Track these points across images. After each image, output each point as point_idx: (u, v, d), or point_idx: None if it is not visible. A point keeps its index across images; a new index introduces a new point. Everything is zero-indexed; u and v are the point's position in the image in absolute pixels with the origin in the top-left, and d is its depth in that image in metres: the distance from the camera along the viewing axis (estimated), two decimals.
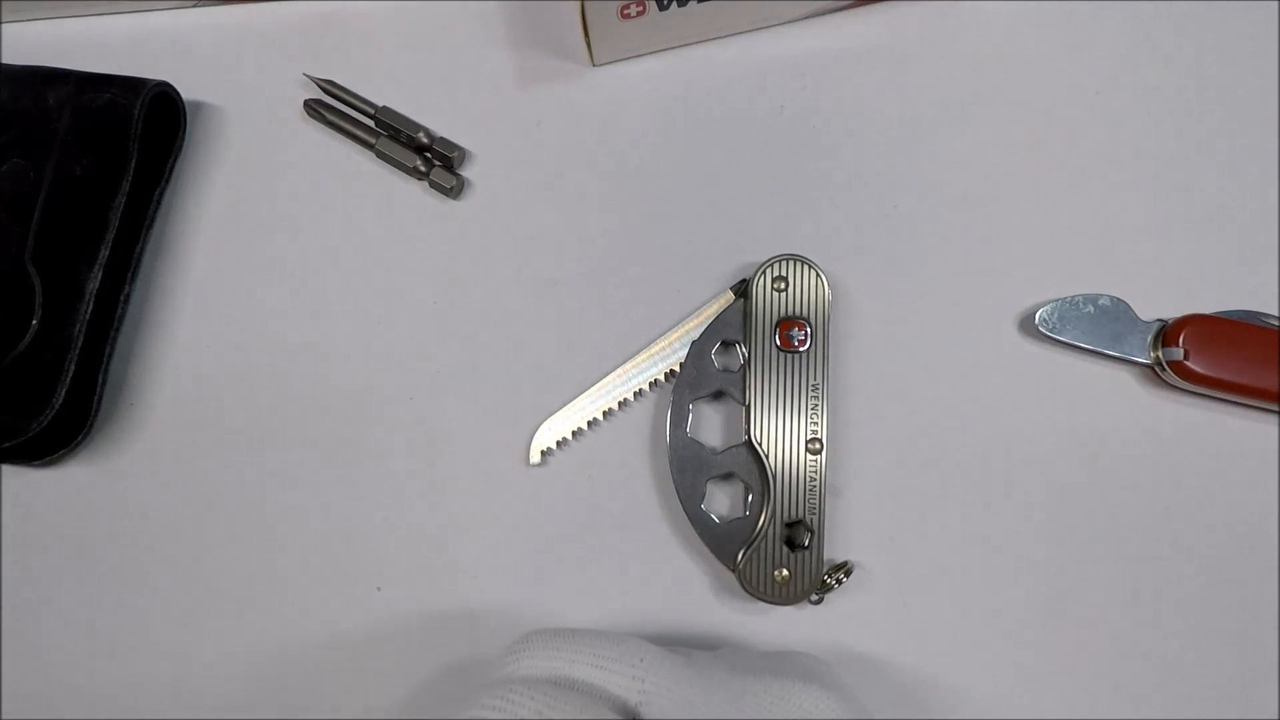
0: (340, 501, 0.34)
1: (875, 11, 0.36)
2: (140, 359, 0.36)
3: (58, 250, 0.33)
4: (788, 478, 0.32)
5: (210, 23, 0.38)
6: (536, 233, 0.36)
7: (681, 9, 0.34)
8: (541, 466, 0.34)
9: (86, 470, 0.35)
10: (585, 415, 0.34)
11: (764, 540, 0.31)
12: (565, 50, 0.37)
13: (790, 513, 0.32)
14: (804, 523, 0.31)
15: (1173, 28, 0.36)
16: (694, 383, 0.33)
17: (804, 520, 0.31)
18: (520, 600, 0.33)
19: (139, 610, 0.34)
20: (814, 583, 0.31)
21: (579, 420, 0.34)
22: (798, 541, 0.32)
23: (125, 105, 0.34)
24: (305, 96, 0.37)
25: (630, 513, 0.34)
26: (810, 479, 0.32)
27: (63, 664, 0.34)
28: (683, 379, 0.33)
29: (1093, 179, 0.35)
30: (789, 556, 0.31)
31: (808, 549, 0.31)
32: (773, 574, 0.31)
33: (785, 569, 0.31)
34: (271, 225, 0.36)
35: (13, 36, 0.38)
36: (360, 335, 0.35)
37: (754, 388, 0.32)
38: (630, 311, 0.35)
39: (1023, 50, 0.36)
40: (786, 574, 0.31)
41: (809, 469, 0.32)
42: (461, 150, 0.36)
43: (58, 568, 0.35)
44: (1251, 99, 0.35)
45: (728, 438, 0.33)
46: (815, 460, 0.32)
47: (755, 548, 0.31)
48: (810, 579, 0.31)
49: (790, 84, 0.36)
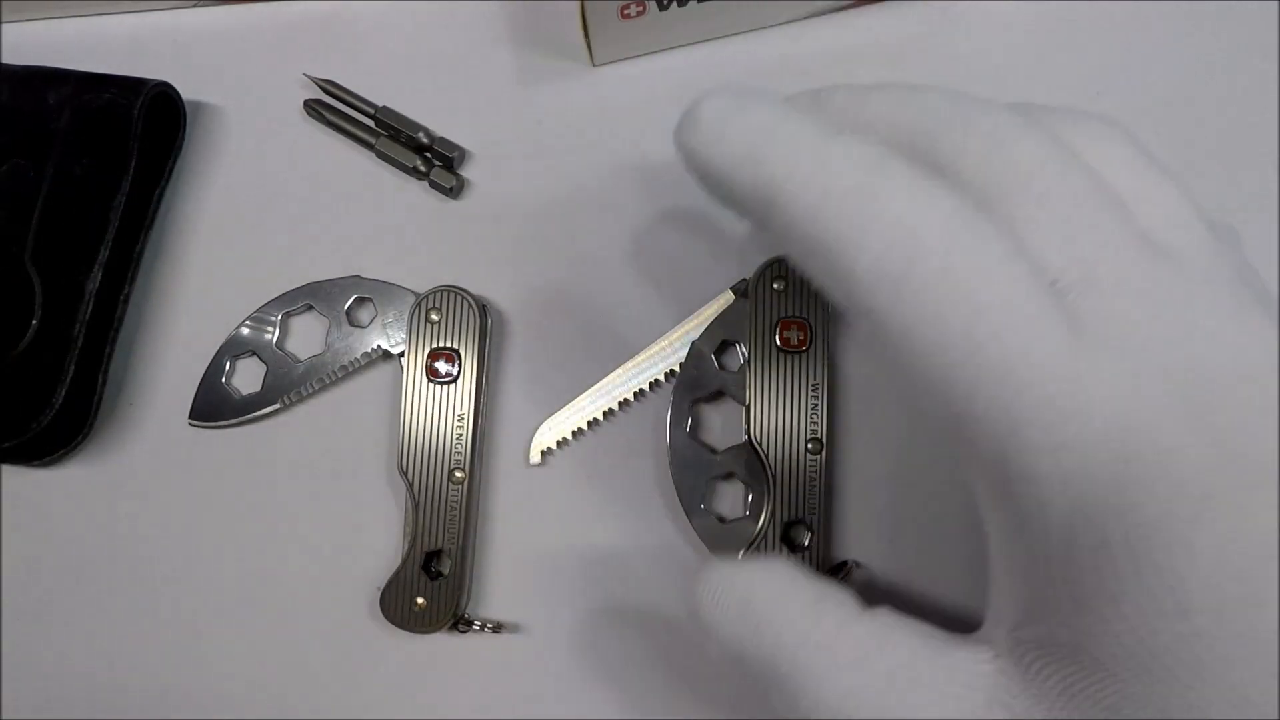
0: (341, 501, 0.34)
1: (875, 11, 0.36)
2: (140, 359, 0.36)
3: (58, 250, 0.33)
4: (787, 478, 0.32)
5: (210, 23, 0.38)
6: (536, 232, 0.36)
7: (682, 9, 0.34)
8: (542, 466, 0.34)
9: (86, 470, 0.35)
10: (586, 415, 0.34)
11: (764, 540, 0.31)
12: (565, 50, 0.37)
13: (790, 512, 0.32)
14: (804, 522, 0.31)
15: (1173, 28, 0.36)
16: (694, 383, 0.33)
17: (804, 520, 0.31)
18: (519, 598, 0.33)
19: (139, 610, 0.34)
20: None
21: (579, 420, 0.34)
22: (797, 541, 0.32)
23: (125, 105, 0.34)
24: (305, 96, 0.37)
25: (631, 512, 0.34)
26: (810, 479, 0.32)
27: (63, 664, 0.34)
28: (682, 379, 0.33)
29: None
30: (789, 556, 0.31)
31: (808, 549, 0.31)
32: None
33: None
34: (271, 225, 0.36)
35: (13, 36, 0.38)
36: None
37: (754, 387, 0.32)
38: (630, 311, 0.35)
39: (1023, 50, 0.36)
40: None
41: (809, 469, 0.32)
42: (461, 150, 0.36)
43: (58, 568, 0.35)
44: (1251, 99, 0.35)
45: (728, 438, 0.33)
46: (815, 460, 0.32)
47: (755, 547, 0.31)
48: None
49: (790, 84, 0.36)
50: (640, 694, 0.33)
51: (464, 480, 0.33)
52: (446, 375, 0.33)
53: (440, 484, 0.33)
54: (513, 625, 0.33)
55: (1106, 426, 0.17)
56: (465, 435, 0.33)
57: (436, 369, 0.33)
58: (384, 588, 0.32)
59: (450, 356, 0.33)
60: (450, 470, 0.33)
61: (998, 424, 0.18)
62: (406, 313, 0.34)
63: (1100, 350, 0.18)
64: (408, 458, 0.33)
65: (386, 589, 0.32)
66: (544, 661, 0.33)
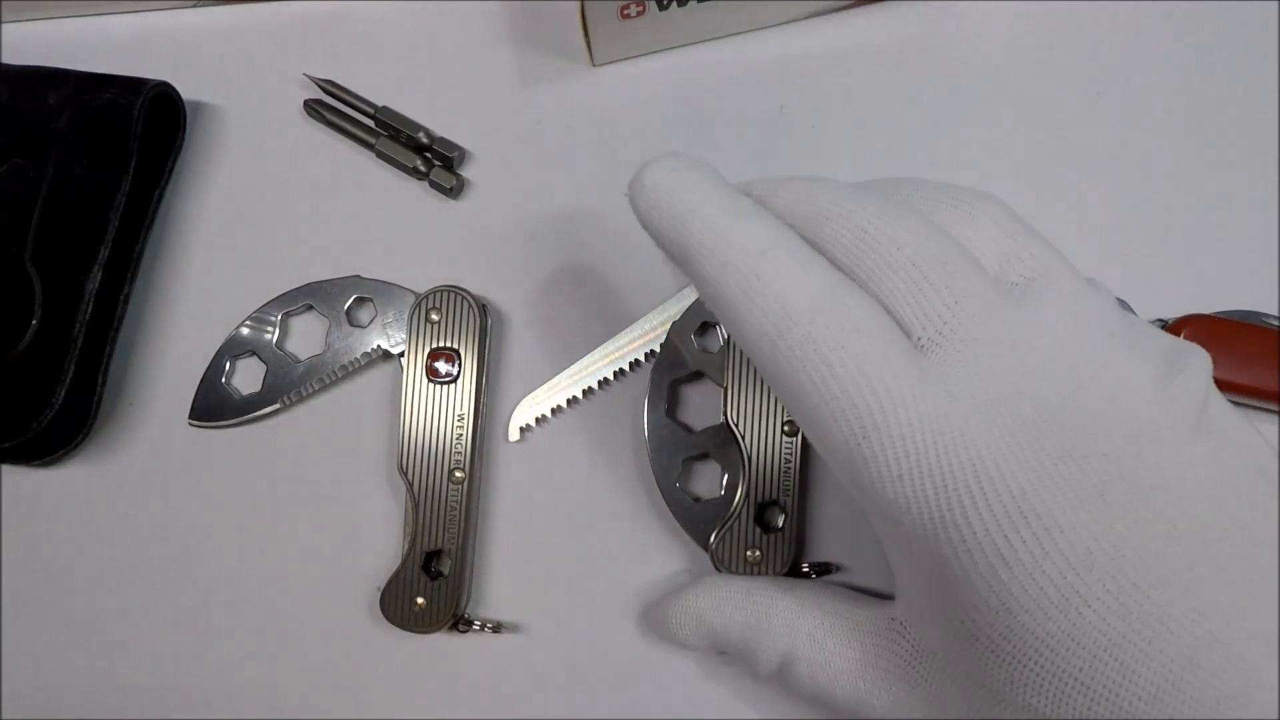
0: (341, 501, 0.34)
1: (875, 11, 0.36)
2: (140, 359, 0.36)
3: (58, 250, 0.33)
4: (763, 459, 0.32)
5: (210, 23, 0.38)
6: (536, 232, 0.36)
7: (681, 9, 0.34)
8: (521, 443, 0.34)
9: (86, 470, 0.35)
10: (566, 393, 0.34)
11: (737, 521, 0.32)
12: (565, 50, 0.37)
13: (764, 494, 0.32)
14: (778, 504, 0.32)
15: (1173, 28, 0.36)
16: (673, 364, 0.33)
17: (778, 501, 0.32)
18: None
19: (139, 610, 0.34)
20: (785, 564, 0.31)
21: (559, 398, 0.34)
22: (771, 523, 0.32)
23: (125, 105, 0.34)
24: (305, 96, 0.37)
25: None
26: (785, 461, 0.32)
27: (63, 664, 0.34)
28: (662, 360, 0.33)
29: (1092, 179, 0.35)
30: (761, 537, 0.31)
31: (781, 530, 0.31)
32: (745, 554, 0.31)
33: (757, 549, 0.31)
34: (271, 225, 0.36)
35: (13, 36, 0.38)
36: None
37: (732, 370, 0.32)
38: (630, 311, 0.35)
39: (1023, 50, 0.36)
40: (758, 554, 0.31)
41: (784, 451, 0.32)
42: (461, 150, 0.36)
43: (58, 568, 0.35)
44: (1252, 99, 0.35)
45: (705, 419, 0.34)
46: (790, 443, 0.32)
47: (728, 528, 0.32)
48: (782, 560, 0.31)
49: (790, 84, 0.36)
50: (640, 694, 0.33)
51: (464, 480, 0.33)
52: (446, 375, 0.33)
53: (440, 484, 0.33)
54: (513, 625, 0.33)
55: (940, 460, 0.21)
56: (465, 435, 0.33)
57: (436, 369, 0.33)
58: (384, 588, 0.32)
59: (450, 356, 0.33)
60: (450, 470, 0.33)
61: (851, 457, 0.22)
62: (406, 313, 0.34)
63: (944, 394, 0.21)
64: (408, 458, 0.33)
65: (386, 589, 0.32)
66: (544, 661, 0.33)
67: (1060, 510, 0.21)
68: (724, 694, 0.32)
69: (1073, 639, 0.21)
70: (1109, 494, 0.21)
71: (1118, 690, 0.20)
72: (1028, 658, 0.21)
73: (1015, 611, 0.21)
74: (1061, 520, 0.21)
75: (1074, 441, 0.21)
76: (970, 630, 0.22)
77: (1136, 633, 0.20)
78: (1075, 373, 0.22)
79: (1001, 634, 0.21)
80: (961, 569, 0.21)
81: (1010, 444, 0.21)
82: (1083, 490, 0.21)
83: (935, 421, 0.21)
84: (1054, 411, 0.21)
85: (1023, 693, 0.22)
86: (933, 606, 0.24)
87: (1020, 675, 0.22)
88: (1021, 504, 0.21)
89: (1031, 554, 0.21)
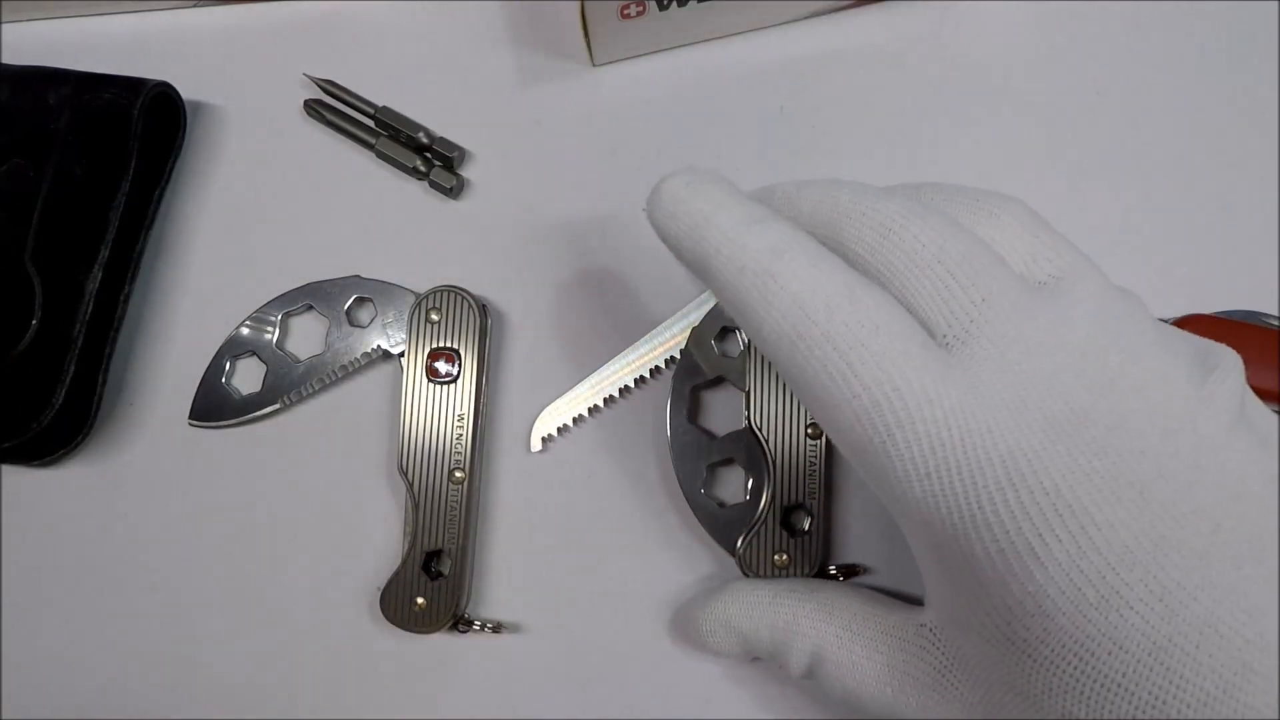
0: (341, 501, 0.34)
1: (875, 11, 0.36)
2: (140, 359, 0.36)
3: (58, 250, 0.33)
4: (787, 463, 0.32)
5: (210, 23, 0.38)
6: (536, 232, 0.36)
7: (681, 9, 0.34)
8: (543, 453, 0.34)
9: (86, 470, 0.35)
10: (587, 402, 0.34)
11: (763, 525, 0.31)
12: (565, 50, 0.37)
13: (789, 497, 0.32)
14: (804, 507, 0.32)
15: (1173, 28, 0.36)
16: (694, 369, 0.33)
17: (804, 505, 0.32)
18: (522, 583, 0.33)
19: (139, 610, 0.34)
20: (813, 567, 0.31)
21: (580, 407, 0.34)
22: (797, 527, 0.32)
23: (125, 105, 0.34)
24: (305, 96, 0.37)
25: (632, 498, 0.34)
26: (810, 464, 0.32)
27: (63, 664, 0.34)
28: (683, 365, 0.33)
29: (1093, 179, 0.35)
30: (788, 541, 0.31)
31: (808, 534, 0.31)
32: (773, 558, 0.31)
33: (784, 553, 0.31)
34: (271, 225, 0.36)
35: (13, 36, 0.38)
36: None
37: (754, 373, 0.32)
38: (630, 310, 0.35)
39: (1023, 50, 0.36)
40: (785, 559, 0.31)
41: (809, 454, 0.32)
42: (461, 150, 0.36)
43: (58, 568, 0.35)
44: (1252, 99, 0.35)
45: (728, 423, 0.33)
46: (815, 445, 0.32)
47: (755, 533, 0.31)
48: (809, 563, 0.31)
49: (790, 84, 0.36)
50: (640, 694, 0.33)
51: (464, 480, 0.33)
52: (446, 375, 0.33)
53: (440, 484, 0.33)
54: (513, 625, 0.33)
55: (969, 456, 0.20)
56: (465, 435, 0.33)
57: (436, 369, 0.33)
58: (384, 588, 0.32)
59: (450, 356, 0.33)
60: (450, 470, 0.33)
61: (877, 456, 0.22)
62: (406, 313, 0.34)
63: (970, 391, 0.21)
64: (408, 458, 0.33)
65: (386, 589, 0.32)
66: (544, 661, 0.33)
67: (1097, 507, 0.20)
68: (734, 694, 0.32)
69: (1114, 642, 0.20)
70: (1148, 491, 0.20)
71: (1164, 697, 0.19)
72: (1066, 662, 0.21)
73: (1052, 614, 0.20)
74: (1098, 517, 0.20)
75: (1108, 439, 0.20)
76: (1005, 635, 0.22)
77: (1184, 635, 0.19)
78: (1107, 370, 0.21)
79: (1039, 637, 0.21)
80: (994, 570, 0.21)
81: (1042, 440, 0.20)
82: (1120, 487, 0.20)
83: (962, 418, 0.21)
84: (1086, 409, 0.21)
85: (1061, 699, 0.21)
86: (965, 611, 0.23)
87: (1059, 681, 0.21)
88: (1055, 500, 0.20)
89: (1068, 552, 0.20)
